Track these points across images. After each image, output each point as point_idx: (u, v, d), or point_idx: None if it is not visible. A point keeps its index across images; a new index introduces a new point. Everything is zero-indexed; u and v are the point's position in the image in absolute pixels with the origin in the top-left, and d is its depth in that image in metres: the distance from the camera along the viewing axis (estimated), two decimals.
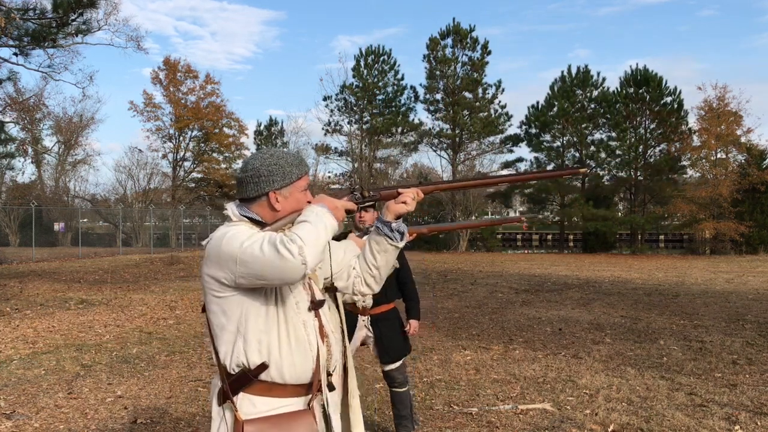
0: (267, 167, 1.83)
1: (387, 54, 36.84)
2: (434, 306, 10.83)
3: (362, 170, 36.67)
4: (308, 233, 1.67)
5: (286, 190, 1.85)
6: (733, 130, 31.53)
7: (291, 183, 1.85)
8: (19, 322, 8.89)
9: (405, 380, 4.00)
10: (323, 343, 1.88)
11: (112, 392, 5.37)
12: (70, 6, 12.44)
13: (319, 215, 1.74)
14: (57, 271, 17.54)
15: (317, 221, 1.72)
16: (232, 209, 1.89)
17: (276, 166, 1.84)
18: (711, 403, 4.86)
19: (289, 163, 1.86)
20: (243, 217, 1.85)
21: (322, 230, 1.71)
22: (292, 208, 1.86)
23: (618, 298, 11.74)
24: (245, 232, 1.75)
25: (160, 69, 41.13)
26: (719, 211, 30.54)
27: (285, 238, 1.64)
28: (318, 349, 1.85)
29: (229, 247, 1.71)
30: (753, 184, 30.17)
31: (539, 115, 36.04)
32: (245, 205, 1.88)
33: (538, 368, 6.13)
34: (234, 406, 1.77)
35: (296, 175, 1.86)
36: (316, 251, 1.66)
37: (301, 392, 1.83)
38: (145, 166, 40.25)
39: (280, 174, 1.84)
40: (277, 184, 1.84)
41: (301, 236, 1.65)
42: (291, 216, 1.87)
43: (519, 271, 18.61)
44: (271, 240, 1.65)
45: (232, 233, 1.74)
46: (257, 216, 1.86)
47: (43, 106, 35.62)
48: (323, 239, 1.70)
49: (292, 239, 1.64)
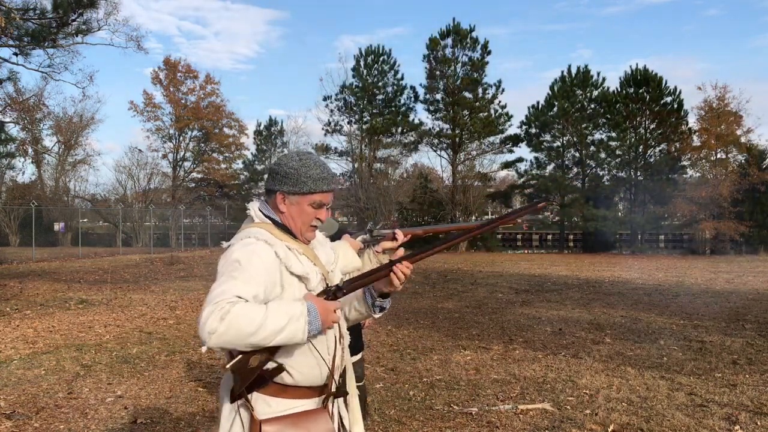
0: (285, 168, 1.84)
1: (387, 54, 36.88)
2: (434, 306, 10.83)
3: (362, 170, 36.66)
4: (250, 324, 1.58)
5: (294, 198, 1.84)
6: (733, 130, 31.58)
7: (301, 193, 1.84)
8: (19, 322, 8.88)
9: (362, 375, 4.05)
10: (339, 344, 1.91)
11: (112, 392, 5.37)
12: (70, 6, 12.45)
13: (293, 319, 1.64)
14: (57, 271, 17.54)
15: (281, 321, 1.62)
16: (254, 209, 1.91)
17: (293, 171, 1.83)
18: (711, 403, 4.86)
19: (309, 174, 1.83)
20: (265, 219, 1.88)
21: (273, 333, 1.61)
22: (298, 216, 1.86)
23: (618, 298, 11.74)
24: (245, 257, 1.71)
25: (160, 69, 41.22)
26: (719, 211, 30.56)
27: (224, 308, 1.57)
28: (335, 351, 1.87)
29: (220, 266, 1.75)
30: (753, 184, 30.20)
31: (539, 115, 36.03)
32: (268, 200, 1.90)
33: (538, 368, 6.13)
34: (250, 405, 1.77)
35: (310, 188, 1.83)
36: (228, 340, 1.57)
37: (315, 394, 1.85)
38: (145, 166, 40.25)
39: (293, 180, 1.83)
40: (287, 188, 1.84)
41: (238, 321, 1.56)
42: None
43: (519, 271, 18.61)
44: (220, 297, 1.60)
45: (234, 257, 1.72)
46: (277, 216, 1.88)
47: (43, 106, 35.61)
48: (260, 338, 1.60)
49: (222, 317, 1.56)
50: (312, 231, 1.91)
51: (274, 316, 1.62)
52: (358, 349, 4.03)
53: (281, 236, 1.84)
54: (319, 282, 1.87)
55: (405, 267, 1.88)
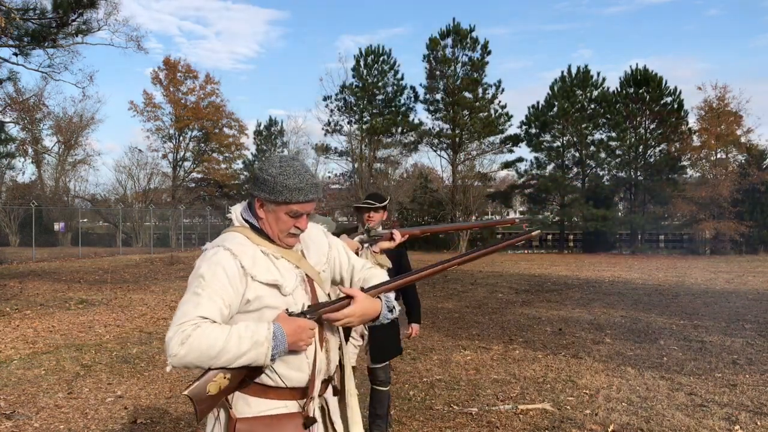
0: (264, 174, 1.81)
1: (387, 54, 36.87)
2: (434, 306, 10.83)
3: (362, 170, 36.66)
4: (210, 348, 1.61)
5: (271, 206, 1.82)
6: (733, 130, 31.58)
7: (277, 202, 1.80)
8: (19, 322, 8.88)
9: (387, 380, 4.03)
10: (321, 348, 1.88)
11: (112, 392, 5.37)
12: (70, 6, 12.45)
13: (256, 345, 1.65)
14: (57, 271, 17.54)
15: (243, 346, 1.64)
16: (235, 213, 1.91)
17: (270, 179, 1.79)
18: (711, 403, 4.86)
19: (286, 184, 1.78)
20: (245, 223, 1.88)
21: (234, 357, 1.63)
22: (275, 224, 1.84)
23: (618, 298, 11.74)
24: (209, 272, 1.73)
25: (160, 69, 41.24)
26: (719, 211, 30.57)
27: (185, 332, 1.61)
28: (315, 354, 1.85)
29: (190, 278, 1.78)
30: (753, 184, 30.20)
31: (539, 115, 36.05)
32: (251, 203, 1.90)
33: (538, 368, 6.13)
34: (229, 404, 1.77)
35: (286, 198, 1.78)
36: (190, 362, 1.61)
37: (297, 396, 1.84)
38: (145, 166, 40.28)
39: (270, 188, 1.79)
40: (264, 195, 1.82)
41: (199, 345, 1.60)
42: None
43: (519, 271, 18.61)
44: (183, 318, 1.65)
45: (200, 272, 1.75)
46: (255, 221, 1.87)
47: (43, 106, 35.61)
48: (222, 362, 1.63)
49: (183, 341, 1.60)
50: (291, 238, 1.87)
51: (236, 341, 1.64)
52: (389, 356, 4.01)
53: (258, 240, 1.83)
54: (298, 285, 1.85)
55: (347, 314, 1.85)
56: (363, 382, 4.27)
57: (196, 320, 1.64)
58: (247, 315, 1.77)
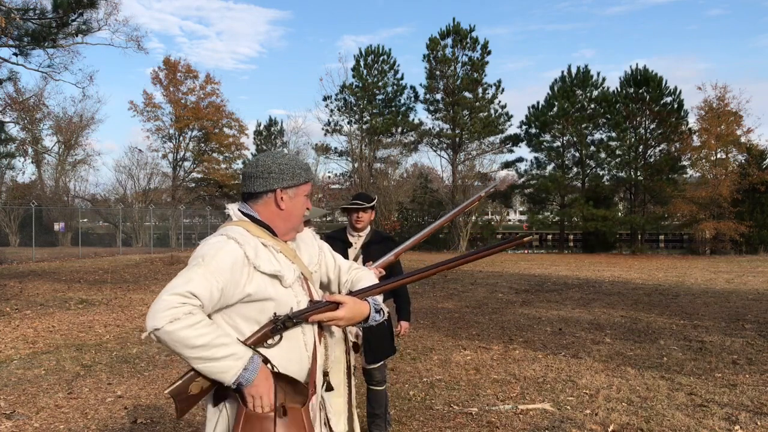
0: (278, 165, 1.86)
1: (387, 54, 36.89)
2: (434, 306, 10.83)
3: (362, 170, 36.66)
4: (197, 338, 1.61)
5: (293, 191, 1.87)
6: (733, 130, 31.58)
7: (298, 185, 1.88)
8: (19, 322, 8.88)
9: (383, 379, 4.03)
10: (320, 343, 1.89)
11: (112, 392, 5.37)
12: (70, 6, 12.44)
13: (234, 357, 1.66)
14: (57, 271, 17.54)
15: (225, 351, 1.65)
16: (233, 209, 1.92)
17: (287, 166, 1.87)
18: (711, 403, 4.86)
19: (298, 165, 1.90)
20: (244, 217, 1.88)
21: (210, 358, 1.64)
22: (299, 209, 1.89)
23: (618, 298, 11.74)
24: (210, 253, 1.73)
25: (160, 69, 41.24)
26: (719, 211, 30.58)
27: (187, 309, 1.61)
28: (315, 349, 1.85)
29: (191, 258, 1.76)
30: (753, 184, 30.21)
31: (539, 115, 36.06)
32: (249, 203, 1.90)
33: (538, 368, 6.13)
34: (236, 397, 1.77)
35: (303, 178, 1.89)
36: (168, 341, 1.61)
37: None
38: (145, 166, 40.32)
39: (290, 173, 1.86)
40: (286, 182, 1.86)
41: (187, 330, 1.60)
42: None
43: (519, 271, 18.61)
44: (174, 290, 1.63)
45: (201, 252, 1.74)
46: (257, 214, 1.87)
47: (43, 106, 35.61)
48: (197, 355, 1.63)
49: (174, 319, 1.59)
50: (301, 224, 1.95)
51: (221, 346, 1.64)
52: (383, 356, 4.01)
53: (258, 233, 1.83)
54: (296, 279, 1.86)
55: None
56: (361, 382, 4.27)
57: (187, 295, 1.64)
58: (250, 306, 1.77)
